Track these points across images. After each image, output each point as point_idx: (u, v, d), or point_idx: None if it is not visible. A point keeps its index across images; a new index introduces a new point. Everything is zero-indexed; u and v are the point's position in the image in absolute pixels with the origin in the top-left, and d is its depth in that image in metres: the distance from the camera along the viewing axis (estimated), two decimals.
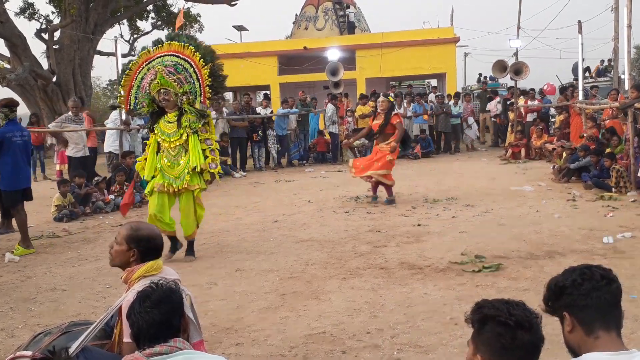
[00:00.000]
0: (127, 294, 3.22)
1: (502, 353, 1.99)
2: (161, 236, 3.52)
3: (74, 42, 24.76)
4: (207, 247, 7.85)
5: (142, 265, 3.32)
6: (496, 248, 7.01)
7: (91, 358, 3.04)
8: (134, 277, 3.31)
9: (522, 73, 17.07)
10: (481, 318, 2.07)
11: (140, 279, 3.27)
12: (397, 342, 4.43)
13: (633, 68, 16.90)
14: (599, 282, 2.15)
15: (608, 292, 2.15)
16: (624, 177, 10.39)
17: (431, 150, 19.25)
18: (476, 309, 2.12)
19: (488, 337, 2.02)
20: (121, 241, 3.38)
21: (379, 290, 5.67)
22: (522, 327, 1.99)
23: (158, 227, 5.32)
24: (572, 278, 2.18)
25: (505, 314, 2.01)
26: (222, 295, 5.78)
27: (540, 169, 14.74)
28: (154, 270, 3.33)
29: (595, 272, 2.19)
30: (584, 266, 2.23)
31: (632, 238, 7.20)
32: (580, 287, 2.15)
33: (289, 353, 4.34)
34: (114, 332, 3.35)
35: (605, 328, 2.11)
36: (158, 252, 3.44)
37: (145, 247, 3.37)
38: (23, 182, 8.10)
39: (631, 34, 11.18)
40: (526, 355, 2.00)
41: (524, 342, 1.98)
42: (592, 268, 2.21)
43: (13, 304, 5.81)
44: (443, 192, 11.47)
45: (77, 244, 8.45)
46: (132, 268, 3.34)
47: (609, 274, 2.20)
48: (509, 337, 1.98)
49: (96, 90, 40.60)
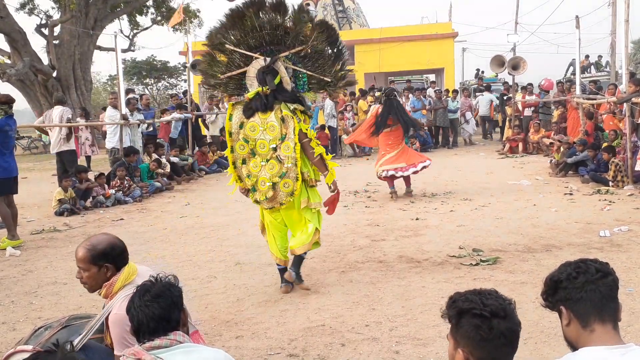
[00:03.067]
0: (112, 305, 3.14)
1: (482, 344, 2.00)
2: (119, 239, 3.33)
3: (74, 37, 24.74)
4: (208, 241, 7.89)
5: (119, 275, 3.22)
6: (494, 241, 7.06)
7: (91, 354, 3.07)
8: (115, 289, 3.21)
9: (520, 68, 17.07)
10: (457, 312, 2.07)
11: (123, 288, 3.18)
12: (395, 335, 4.48)
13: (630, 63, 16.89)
14: (593, 275, 2.17)
15: (603, 285, 2.16)
16: (621, 171, 10.44)
17: (429, 145, 19.28)
18: (450, 303, 2.12)
19: (466, 330, 2.03)
20: (87, 266, 3.21)
21: (378, 284, 5.71)
22: (498, 316, 2.00)
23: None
24: (567, 272, 2.20)
25: (480, 306, 2.02)
26: (221, 289, 5.83)
27: (537, 163, 14.78)
28: (132, 276, 3.24)
29: (590, 265, 2.20)
30: (580, 260, 2.25)
31: (628, 232, 7.24)
32: (575, 280, 2.17)
33: (289, 346, 4.39)
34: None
35: (601, 321, 2.13)
36: (125, 255, 3.31)
37: (113, 257, 3.23)
38: (14, 172, 8.30)
39: (629, 28, 11.19)
40: (506, 342, 2.01)
41: (501, 330, 1.99)
42: (588, 262, 2.23)
43: (14, 298, 5.86)
44: (441, 187, 11.51)
45: (77, 238, 8.48)
46: (111, 281, 3.21)
47: (605, 267, 2.22)
48: (486, 327, 1.99)
49: (96, 86, 40.61)
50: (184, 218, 9.66)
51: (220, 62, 5.76)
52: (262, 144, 5.45)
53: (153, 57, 45.17)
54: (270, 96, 5.44)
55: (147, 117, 14.56)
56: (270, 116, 5.42)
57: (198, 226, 8.95)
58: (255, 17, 5.48)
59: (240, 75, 5.72)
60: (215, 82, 5.82)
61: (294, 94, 5.57)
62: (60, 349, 2.03)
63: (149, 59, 44.87)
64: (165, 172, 13.64)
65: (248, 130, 5.47)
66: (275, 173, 5.42)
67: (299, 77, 5.69)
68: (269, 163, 5.44)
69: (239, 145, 5.53)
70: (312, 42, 5.53)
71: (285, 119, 5.40)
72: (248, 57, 5.63)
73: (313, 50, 5.59)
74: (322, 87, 5.78)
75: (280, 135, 5.40)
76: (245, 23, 5.52)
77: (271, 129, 5.41)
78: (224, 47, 5.64)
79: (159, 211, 10.46)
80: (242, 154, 5.55)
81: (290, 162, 5.38)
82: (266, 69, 5.46)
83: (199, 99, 25.82)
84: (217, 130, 16.93)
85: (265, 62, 5.50)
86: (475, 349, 2.01)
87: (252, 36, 5.55)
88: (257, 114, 5.45)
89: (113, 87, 40.63)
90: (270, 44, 5.60)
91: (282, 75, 5.50)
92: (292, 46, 5.56)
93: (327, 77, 5.62)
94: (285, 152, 5.39)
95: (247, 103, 5.49)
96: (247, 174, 5.55)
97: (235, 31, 5.60)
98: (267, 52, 5.61)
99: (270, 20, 5.51)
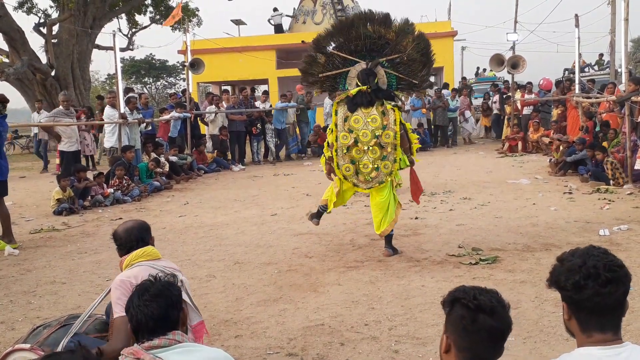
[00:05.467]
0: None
1: (463, 334, 2.05)
2: (132, 227, 3.64)
3: (73, 36, 24.71)
4: (206, 240, 7.88)
5: (127, 256, 3.49)
6: (493, 240, 7.06)
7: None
8: (124, 267, 3.48)
9: (520, 67, 17.06)
10: (450, 300, 2.15)
11: (133, 265, 3.42)
12: (394, 334, 4.47)
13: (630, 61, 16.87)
14: (603, 287, 2.02)
15: (611, 298, 2.03)
16: (618, 169, 10.44)
17: (428, 144, 19.28)
18: (450, 292, 2.18)
19: (454, 318, 2.10)
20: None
21: (377, 283, 5.71)
22: (484, 312, 2.03)
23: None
24: (574, 280, 2.06)
25: (470, 298, 2.07)
26: (220, 288, 5.82)
27: (537, 162, 14.78)
28: (146, 257, 3.47)
29: (601, 273, 2.03)
30: (591, 260, 2.08)
31: (628, 230, 7.25)
32: (581, 291, 2.04)
33: (288, 345, 4.38)
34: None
35: (600, 329, 2.07)
36: (134, 245, 3.56)
37: (118, 244, 3.61)
38: (5, 174, 8.19)
39: (628, 27, 11.18)
40: (487, 339, 2.04)
41: (484, 326, 2.02)
42: (599, 266, 2.05)
43: (13, 297, 5.84)
44: (440, 186, 11.50)
45: (76, 237, 8.48)
46: (121, 259, 3.54)
47: (617, 275, 2.05)
48: (469, 319, 2.04)
49: (94, 85, 40.59)
50: (182, 217, 9.65)
51: (319, 63, 6.80)
52: (365, 134, 6.43)
53: (152, 56, 45.24)
54: (372, 94, 6.41)
55: (145, 116, 14.55)
56: (372, 110, 6.41)
57: (197, 225, 8.94)
58: (363, 28, 6.54)
59: (335, 75, 6.79)
60: (313, 80, 6.88)
61: (389, 92, 6.60)
62: (80, 348, 2.05)
63: (148, 58, 44.94)
64: (164, 171, 13.63)
65: (352, 122, 6.46)
66: (378, 157, 6.46)
67: (390, 79, 6.64)
68: (372, 149, 6.44)
69: (343, 135, 6.51)
70: (409, 52, 6.50)
71: (386, 112, 6.41)
72: (348, 60, 6.68)
73: (408, 57, 6.54)
74: (410, 88, 6.89)
75: (381, 125, 6.39)
76: (351, 32, 6.59)
77: (373, 121, 6.40)
78: (326, 50, 6.74)
79: (157, 210, 10.44)
80: (345, 143, 6.51)
81: (390, 147, 6.43)
82: (369, 71, 6.47)
83: (198, 98, 25.83)
84: (216, 130, 16.91)
85: (367, 65, 6.53)
86: (457, 338, 2.08)
87: (355, 43, 6.61)
88: (360, 108, 6.43)
89: (112, 86, 40.58)
90: (369, 50, 6.64)
91: (380, 77, 6.55)
92: (390, 53, 6.57)
93: (415, 80, 6.62)
94: (386, 139, 6.40)
95: (352, 99, 6.45)
96: (351, 160, 6.52)
97: (340, 37, 6.69)
98: (364, 57, 6.64)
99: (375, 31, 6.56)
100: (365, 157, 6.47)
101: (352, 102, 6.45)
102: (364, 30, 6.55)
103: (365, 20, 6.58)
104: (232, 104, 17.45)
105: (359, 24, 6.57)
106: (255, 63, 26.20)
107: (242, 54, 25.95)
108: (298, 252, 7.02)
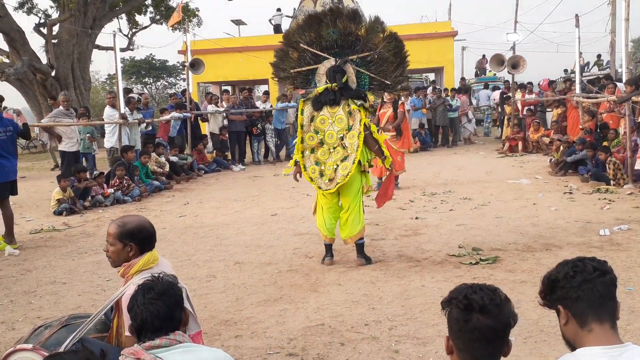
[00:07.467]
0: (126, 287, 3.21)
1: (459, 335, 2.07)
2: (150, 223, 3.47)
3: (73, 36, 24.69)
4: (207, 240, 7.88)
5: (140, 259, 3.31)
6: (493, 241, 7.06)
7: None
8: (132, 272, 3.30)
9: (520, 67, 17.06)
10: (447, 301, 2.15)
11: (140, 272, 3.27)
12: (395, 334, 4.47)
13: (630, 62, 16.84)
14: (591, 274, 2.14)
15: (601, 284, 2.14)
16: (620, 169, 10.44)
17: (429, 144, 19.27)
18: (448, 293, 2.19)
19: (449, 319, 2.12)
20: (114, 241, 3.35)
21: (377, 283, 5.71)
22: (475, 310, 2.03)
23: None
24: (565, 271, 2.18)
25: (461, 298, 2.08)
26: (221, 288, 5.82)
27: (537, 162, 14.78)
28: (152, 263, 3.33)
29: (587, 264, 2.18)
30: (577, 259, 2.23)
31: (628, 230, 7.25)
32: (572, 279, 2.15)
33: (288, 345, 4.38)
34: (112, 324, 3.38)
35: (599, 320, 2.11)
36: (152, 240, 3.42)
37: (139, 239, 3.35)
38: (11, 175, 8.07)
39: (629, 27, 11.19)
40: (480, 338, 2.04)
41: (478, 325, 2.02)
42: (585, 260, 2.20)
43: (13, 297, 5.85)
44: (441, 186, 11.51)
45: (76, 237, 8.48)
46: (130, 262, 3.32)
47: (603, 265, 2.19)
48: (462, 319, 2.05)
49: (95, 85, 40.52)
50: (183, 217, 9.65)
51: (291, 58, 6.60)
52: (331, 134, 6.31)
53: (152, 56, 45.18)
54: (338, 92, 6.28)
55: (146, 116, 14.55)
56: (338, 110, 6.29)
57: (197, 225, 8.94)
58: (332, 24, 6.36)
59: (307, 71, 6.57)
60: (284, 75, 6.69)
61: (358, 92, 6.36)
62: (84, 349, 2.03)
63: (148, 58, 44.87)
64: (165, 171, 13.63)
65: (318, 123, 6.34)
66: (339, 157, 6.27)
67: (362, 78, 6.46)
68: (335, 150, 6.29)
69: (309, 136, 6.38)
70: (379, 50, 6.34)
71: (352, 112, 6.24)
72: (319, 56, 6.47)
73: (379, 56, 6.37)
74: (382, 88, 6.65)
75: (347, 126, 6.26)
76: (322, 27, 6.40)
77: (339, 121, 6.28)
78: (299, 45, 6.49)
79: (158, 210, 10.45)
80: (311, 144, 6.38)
81: (352, 149, 6.22)
82: (337, 68, 6.28)
83: (198, 98, 25.82)
84: (216, 128, 16.92)
85: (335, 62, 6.34)
86: (454, 338, 2.10)
87: (326, 39, 6.42)
88: (325, 107, 6.32)
89: (112, 86, 40.56)
90: (341, 47, 6.44)
91: (349, 75, 6.34)
92: (360, 51, 6.38)
93: (388, 80, 6.45)
94: (350, 140, 6.23)
95: (317, 97, 6.32)
96: (315, 161, 6.37)
97: (311, 33, 6.45)
98: (336, 54, 6.44)
99: (344, 27, 6.36)
100: (329, 158, 6.29)
101: (317, 100, 6.31)
102: (333, 26, 6.37)
103: (334, 16, 6.38)
104: (232, 104, 17.46)
105: (328, 20, 6.39)
106: (255, 63, 26.16)
107: (242, 54, 25.94)
108: (298, 252, 7.02)
